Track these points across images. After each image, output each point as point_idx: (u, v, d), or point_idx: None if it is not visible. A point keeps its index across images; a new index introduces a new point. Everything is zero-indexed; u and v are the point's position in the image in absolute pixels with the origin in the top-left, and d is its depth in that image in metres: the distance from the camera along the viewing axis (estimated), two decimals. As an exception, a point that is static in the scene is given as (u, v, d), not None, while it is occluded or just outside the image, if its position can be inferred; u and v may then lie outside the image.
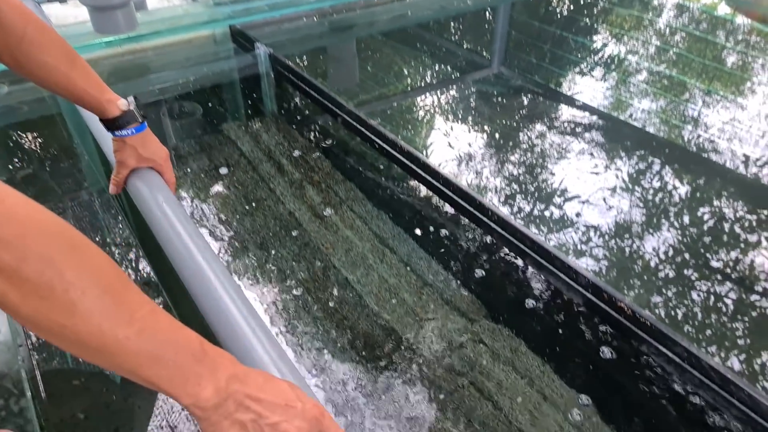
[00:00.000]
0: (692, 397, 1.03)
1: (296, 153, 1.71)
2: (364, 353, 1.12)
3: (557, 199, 1.92)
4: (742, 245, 1.93)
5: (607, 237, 1.92)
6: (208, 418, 0.49)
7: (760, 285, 1.83)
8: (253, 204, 1.52)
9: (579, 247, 1.91)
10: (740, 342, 1.61)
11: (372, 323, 1.19)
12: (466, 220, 1.44)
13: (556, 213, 1.96)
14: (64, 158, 1.72)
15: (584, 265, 1.56)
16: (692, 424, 0.99)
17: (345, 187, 1.56)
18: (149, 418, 0.98)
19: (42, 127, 1.92)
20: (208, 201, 1.53)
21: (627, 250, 1.95)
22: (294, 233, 1.42)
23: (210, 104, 2.04)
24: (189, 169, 1.65)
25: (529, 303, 1.23)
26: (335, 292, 1.26)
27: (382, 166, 1.67)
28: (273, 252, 1.37)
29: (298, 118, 1.97)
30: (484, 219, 1.37)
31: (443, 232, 1.43)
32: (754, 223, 1.91)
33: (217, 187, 1.58)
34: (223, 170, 1.64)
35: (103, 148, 0.97)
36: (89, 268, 0.44)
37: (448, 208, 1.49)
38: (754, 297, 1.78)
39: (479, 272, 1.31)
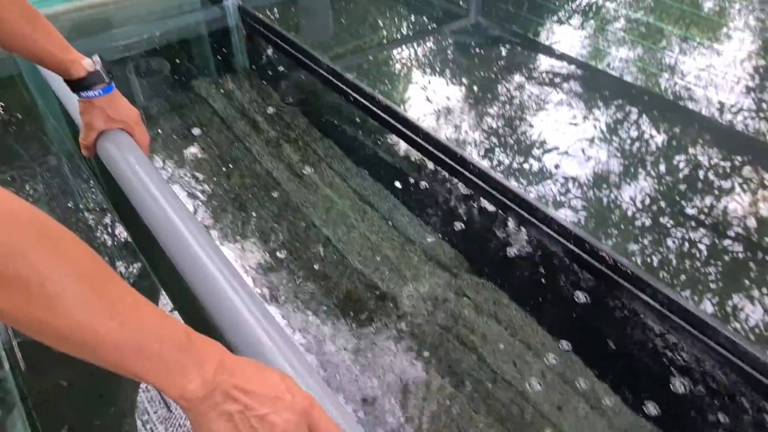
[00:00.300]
0: (670, 340, 1.07)
1: (271, 110, 1.68)
2: (347, 311, 1.14)
3: (537, 151, 1.93)
4: (717, 192, 1.98)
5: (586, 188, 1.94)
6: (194, 409, 0.49)
7: (733, 230, 1.88)
8: (230, 165, 1.49)
9: (559, 198, 1.93)
10: (715, 286, 1.66)
11: (355, 281, 1.20)
12: (447, 175, 1.44)
13: (536, 165, 1.97)
14: (28, 122, 1.66)
15: (564, 215, 1.58)
16: (670, 366, 1.03)
17: (323, 144, 1.54)
18: (136, 384, 0.99)
19: (0, 90, 1.84)
20: (182, 163, 1.50)
21: (606, 200, 1.98)
22: (273, 193, 1.40)
23: (178, 61, 1.97)
24: (159, 131, 1.61)
25: (511, 255, 1.25)
26: (317, 251, 1.26)
27: (360, 122, 1.65)
28: (252, 213, 1.36)
29: (272, 73, 1.92)
30: (465, 172, 1.37)
31: (424, 187, 1.43)
32: (729, 170, 1.95)
33: (191, 149, 1.54)
34: (196, 130, 1.60)
35: (70, 110, 0.94)
36: (66, 260, 0.43)
37: (429, 163, 1.49)
38: (727, 242, 1.83)
39: (461, 226, 1.32)
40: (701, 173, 1.97)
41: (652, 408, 0.97)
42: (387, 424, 0.95)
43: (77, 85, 0.80)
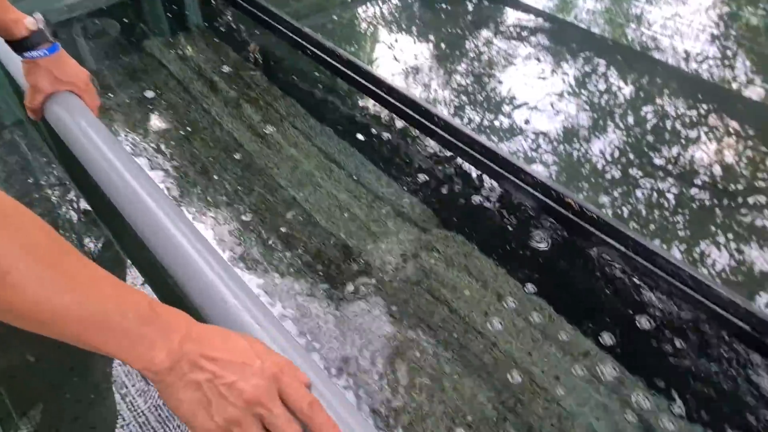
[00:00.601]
0: (637, 282, 1.09)
1: (229, 69, 1.62)
2: (317, 270, 1.13)
3: (503, 105, 1.92)
4: (684, 141, 2.01)
5: (554, 140, 1.95)
6: (161, 381, 0.48)
7: (700, 178, 1.92)
8: (188, 128, 1.44)
9: (526, 149, 1.94)
10: (682, 233, 1.70)
11: (324, 240, 1.18)
12: (413, 130, 1.42)
13: (503, 118, 1.97)
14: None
15: (531, 166, 1.59)
16: (634, 306, 1.06)
17: (285, 103, 1.50)
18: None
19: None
20: (137, 128, 1.44)
21: (574, 152, 2.00)
22: (236, 155, 1.37)
23: (127, 20, 1.89)
24: (111, 95, 1.54)
25: (479, 208, 1.25)
26: (283, 212, 1.24)
27: (322, 79, 1.61)
28: (215, 176, 1.32)
29: (228, 30, 1.85)
30: (430, 126, 1.36)
31: (391, 143, 1.41)
32: (695, 119, 1.98)
33: (146, 112, 1.49)
34: (150, 93, 1.54)
35: (13, 74, 0.89)
36: (18, 235, 0.42)
37: (394, 119, 1.46)
38: (694, 190, 1.87)
39: (429, 181, 1.31)
40: (668, 123, 1.99)
41: (618, 348, 0.99)
42: (361, 378, 0.96)
43: (20, 45, 0.77)
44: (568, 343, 1.00)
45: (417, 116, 1.39)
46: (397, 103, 1.43)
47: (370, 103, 1.51)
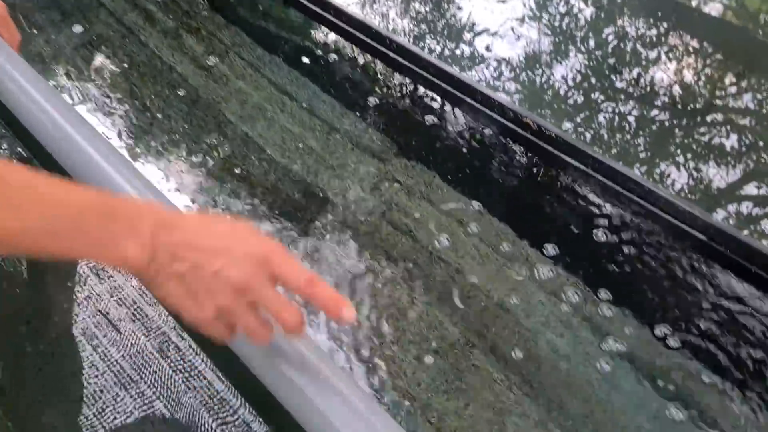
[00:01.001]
0: (600, 201, 1.10)
1: (166, -2, 1.51)
2: (274, 208, 1.10)
3: (460, 29, 1.87)
4: (644, 62, 2.00)
5: (517, 67, 1.92)
6: (143, 276, 0.46)
7: (660, 99, 1.93)
8: (124, 63, 1.35)
9: (490, 78, 1.90)
10: (643, 154, 1.72)
11: (279, 176, 1.15)
12: (367, 55, 1.37)
13: (460, 41, 1.92)
14: None
15: (490, 89, 1.56)
16: (594, 223, 1.07)
17: (229, 32, 1.42)
18: (69, 305, 0.93)
19: None
20: (66, 67, 1.34)
21: (538, 78, 1.98)
22: (179, 91, 1.29)
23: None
24: (34, 32, 1.42)
25: (439, 135, 1.22)
26: (235, 149, 1.19)
27: (269, 5, 1.51)
28: (158, 114, 1.25)
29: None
30: (384, 50, 1.30)
31: (346, 71, 1.35)
32: (655, 39, 1.97)
33: (75, 50, 1.38)
34: (77, 28, 1.42)
35: None
36: None
37: (347, 44, 1.40)
38: (654, 111, 1.89)
39: (387, 109, 1.27)
40: (629, 45, 1.97)
41: (580, 267, 1.01)
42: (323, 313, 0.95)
43: None
44: (532, 266, 1.01)
45: (370, 41, 1.33)
46: (350, 29, 1.36)
47: (322, 30, 1.44)
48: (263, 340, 0.49)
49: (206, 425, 1.06)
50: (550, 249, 1.03)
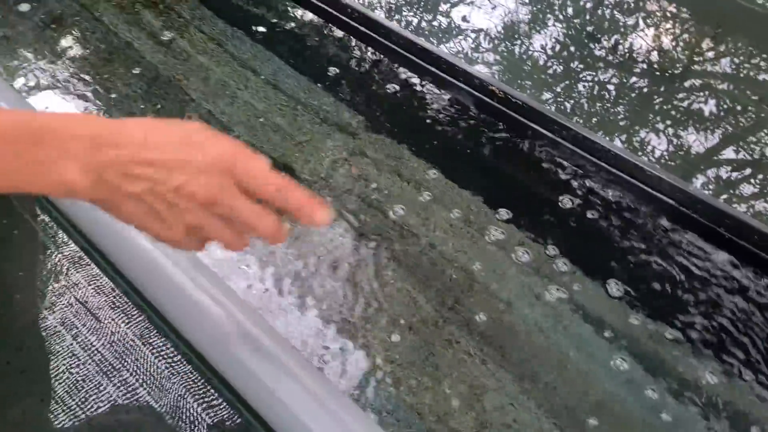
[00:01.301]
0: (572, 168, 1.08)
1: (122, -28, 1.45)
2: (240, 187, 1.06)
3: (442, 5, 1.83)
4: (623, 29, 1.98)
5: (496, 38, 1.88)
6: (96, 200, 0.41)
7: (639, 66, 1.91)
8: (79, 43, 1.30)
9: (467, 50, 1.87)
10: (623, 122, 1.71)
11: (244, 154, 1.11)
12: (334, 28, 1.33)
13: (442, 18, 1.88)
14: None
15: (457, 57, 1.53)
16: (563, 190, 1.06)
17: (188, 5, 1.37)
18: (35, 296, 0.90)
19: None
20: (16, 49, 1.29)
21: (517, 49, 1.95)
22: (137, 69, 1.25)
23: None
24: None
25: (407, 106, 1.19)
26: (198, 127, 1.15)
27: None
28: (113, 95, 1.20)
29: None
30: (347, 20, 1.26)
31: (310, 44, 1.31)
32: (632, 5, 1.94)
33: (23, 30, 1.32)
34: (24, 6, 1.36)
35: None
36: None
37: (313, 17, 1.36)
38: (633, 78, 1.87)
39: (354, 83, 1.24)
40: (607, 12, 1.95)
41: (549, 237, 0.99)
42: (297, 293, 0.93)
43: None
44: (503, 237, 0.99)
45: (334, 12, 1.29)
46: (314, 0, 1.32)
47: (286, 2, 1.39)
48: (240, 249, 0.47)
49: (191, 410, 1.05)
50: (523, 219, 1.01)
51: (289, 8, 1.38)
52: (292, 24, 1.34)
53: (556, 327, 0.89)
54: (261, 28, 1.33)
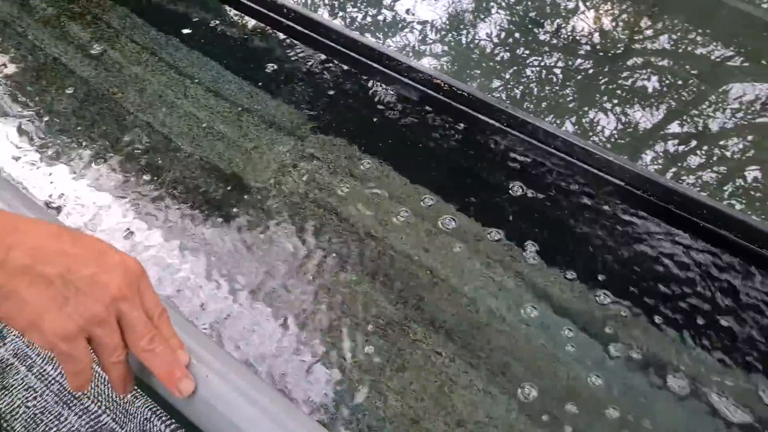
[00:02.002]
0: (519, 157, 1.08)
1: (44, -17, 1.38)
2: (188, 201, 1.02)
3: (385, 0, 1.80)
4: (564, 12, 2.00)
5: (442, 29, 1.87)
6: None
7: (583, 48, 1.93)
8: (3, 61, 1.22)
9: (414, 43, 1.85)
10: (571, 104, 1.73)
11: (191, 165, 1.07)
12: (273, 29, 1.29)
13: (387, 12, 1.86)
14: None
15: (406, 55, 1.52)
16: (515, 177, 1.05)
17: (117, 14, 1.30)
18: None
19: None
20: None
21: (463, 39, 1.94)
22: (67, 83, 1.18)
23: None
24: None
25: (354, 105, 1.17)
26: (138, 141, 1.10)
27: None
28: (46, 117, 1.14)
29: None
30: (283, 20, 1.23)
31: (249, 47, 1.27)
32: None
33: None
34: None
35: None
36: None
37: (250, 19, 1.31)
38: (578, 60, 1.89)
39: (297, 84, 1.20)
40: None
41: (506, 226, 0.99)
42: (258, 295, 0.89)
43: None
44: (461, 230, 0.98)
45: (272, 14, 1.25)
46: (249, 2, 1.28)
47: (221, 6, 1.34)
48: (119, 383, 0.45)
49: None
50: (478, 212, 1.00)
51: (225, 12, 1.33)
52: (230, 28, 1.30)
53: (521, 317, 0.88)
54: (196, 35, 1.28)
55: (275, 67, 1.22)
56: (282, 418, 0.49)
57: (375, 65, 1.16)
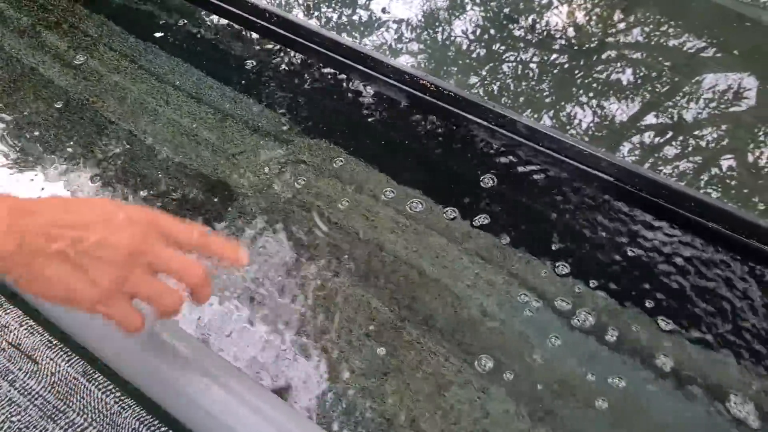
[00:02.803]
0: (504, 153, 1.08)
1: (16, -8, 1.34)
2: (175, 210, 1.00)
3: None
4: (538, 7, 2.00)
5: (417, 27, 1.87)
6: (13, 267, 0.40)
7: (558, 43, 1.95)
8: (-22, 71, 1.19)
9: (390, 41, 1.85)
10: (548, 98, 1.74)
11: (176, 173, 1.05)
12: (254, 34, 1.27)
13: (362, 12, 1.85)
14: None
15: (386, 54, 1.51)
16: (503, 171, 1.06)
17: (93, 21, 1.27)
18: None
19: None
20: None
21: (439, 36, 1.94)
22: (44, 94, 1.15)
23: None
24: None
25: (339, 107, 1.16)
26: (121, 151, 1.08)
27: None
28: (25, 126, 1.11)
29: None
30: (271, 27, 1.21)
31: (231, 52, 1.25)
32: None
33: None
34: None
35: None
36: None
37: (229, 23, 1.29)
38: (554, 55, 1.90)
39: (281, 88, 1.19)
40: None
41: (497, 222, 0.99)
42: (248, 308, 0.88)
43: None
44: (451, 229, 0.98)
45: (250, 16, 1.24)
46: (228, 6, 1.26)
47: (199, 10, 1.32)
48: (173, 307, 0.47)
49: None
50: (467, 209, 1.00)
51: (203, 17, 1.31)
52: (209, 33, 1.28)
53: (513, 313, 0.89)
54: (176, 40, 1.25)
55: (258, 71, 1.20)
56: (285, 424, 0.49)
57: (359, 66, 1.15)
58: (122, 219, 0.43)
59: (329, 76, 1.19)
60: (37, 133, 1.10)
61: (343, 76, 1.18)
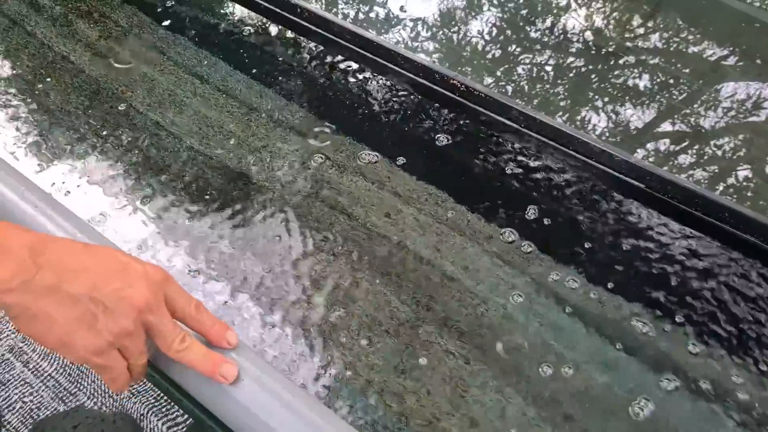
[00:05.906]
0: (533, 159, 1.04)
1: (50, -19, 1.31)
2: (200, 199, 0.97)
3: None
4: (555, 9, 1.94)
5: (434, 25, 1.82)
6: (20, 300, 0.37)
7: (575, 46, 1.89)
8: (11, 60, 1.16)
9: (407, 39, 1.80)
10: (563, 102, 1.68)
11: (201, 165, 1.02)
12: (282, 27, 1.23)
13: (380, 9, 1.80)
14: None
15: (413, 52, 1.46)
16: (529, 176, 1.01)
17: (125, 12, 1.24)
18: None
19: None
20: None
21: (455, 36, 1.89)
22: (77, 82, 1.12)
23: None
24: None
25: (364, 104, 1.12)
26: (148, 141, 1.05)
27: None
28: (56, 114, 1.08)
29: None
30: (298, 20, 1.17)
31: (258, 46, 1.22)
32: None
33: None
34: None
35: None
36: None
37: (257, 17, 1.25)
38: (570, 58, 1.84)
39: (306, 83, 1.15)
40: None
41: (519, 226, 0.95)
42: (274, 294, 0.85)
43: None
44: (474, 231, 0.94)
45: (280, 11, 1.20)
46: (259, 0, 1.22)
47: (228, 3, 1.29)
48: (138, 377, 0.46)
49: (155, 429, 0.96)
50: (490, 212, 0.96)
51: (232, 10, 1.27)
52: (237, 27, 1.24)
53: (534, 317, 0.85)
54: (204, 33, 1.22)
55: (285, 66, 1.17)
56: (318, 422, 0.47)
57: (384, 62, 1.11)
58: (139, 272, 0.42)
59: (358, 74, 1.15)
60: (66, 122, 1.07)
61: (372, 74, 1.14)
